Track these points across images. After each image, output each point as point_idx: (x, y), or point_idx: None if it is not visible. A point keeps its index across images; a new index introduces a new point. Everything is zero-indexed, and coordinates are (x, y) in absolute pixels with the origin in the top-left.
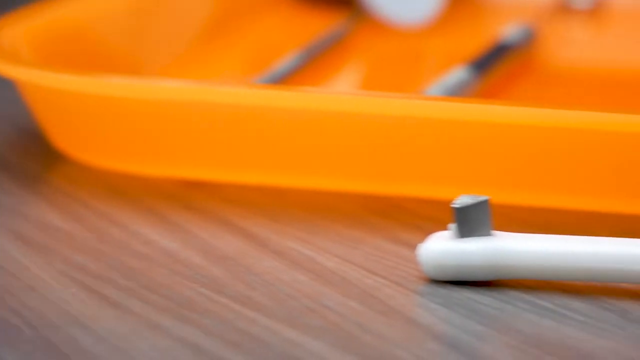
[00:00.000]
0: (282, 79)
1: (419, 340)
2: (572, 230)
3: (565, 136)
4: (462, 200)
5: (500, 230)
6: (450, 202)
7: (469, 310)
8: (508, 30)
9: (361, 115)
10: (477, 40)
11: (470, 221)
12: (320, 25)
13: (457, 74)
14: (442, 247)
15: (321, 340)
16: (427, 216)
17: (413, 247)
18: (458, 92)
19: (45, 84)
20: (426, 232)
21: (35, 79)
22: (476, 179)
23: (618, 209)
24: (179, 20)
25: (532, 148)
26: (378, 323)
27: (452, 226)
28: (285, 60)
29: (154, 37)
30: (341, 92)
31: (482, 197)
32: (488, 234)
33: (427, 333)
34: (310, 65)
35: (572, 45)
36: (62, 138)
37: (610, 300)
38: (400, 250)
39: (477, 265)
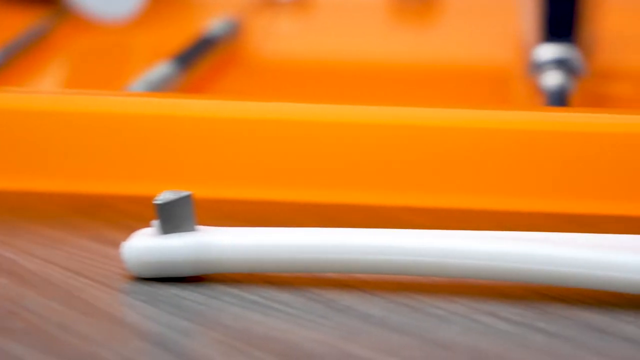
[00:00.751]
0: None
1: (124, 339)
2: (278, 222)
3: (257, 127)
4: (164, 196)
5: (206, 224)
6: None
7: (175, 307)
8: (213, 23)
9: (62, 113)
10: (183, 34)
11: (173, 217)
12: (21, 23)
13: (161, 68)
14: (145, 244)
15: (23, 343)
16: (132, 214)
17: (118, 245)
18: (162, 87)
19: None
20: (132, 229)
21: None
22: (181, 174)
23: (315, 199)
24: None
25: (229, 140)
26: (82, 324)
27: (155, 222)
28: None
29: None
30: (41, 91)
31: (185, 193)
32: (192, 229)
33: (132, 332)
34: (11, 64)
35: (278, 38)
36: None
37: (316, 290)
38: (105, 249)
39: (181, 261)
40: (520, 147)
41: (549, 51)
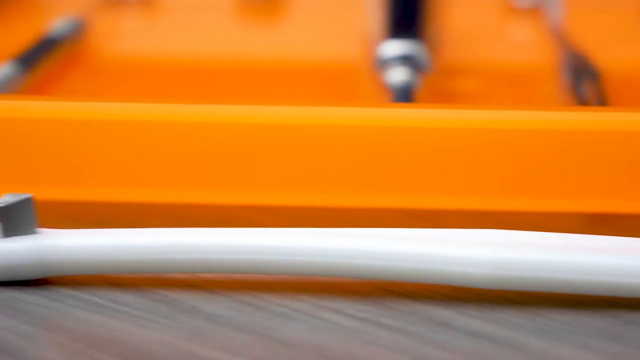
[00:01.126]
0: None
1: None
2: (124, 223)
3: (99, 128)
4: (4, 199)
5: (49, 227)
6: None
7: (16, 311)
8: (56, 23)
9: None
10: (26, 35)
11: (13, 220)
12: None
13: (2, 69)
14: None
15: None
16: None
17: None
18: (3, 88)
19: None
20: None
21: None
22: (22, 176)
23: (161, 199)
24: None
25: (70, 141)
26: None
27: None
28: None
29: None
30: None
31: (25, 195)
32: (33, 232)
33: None
34: None
35: (123, 37)
36: None
37: (161, 291)
38: None
39: (22, 264)
40: (367, 144)
41: (394, 47)
